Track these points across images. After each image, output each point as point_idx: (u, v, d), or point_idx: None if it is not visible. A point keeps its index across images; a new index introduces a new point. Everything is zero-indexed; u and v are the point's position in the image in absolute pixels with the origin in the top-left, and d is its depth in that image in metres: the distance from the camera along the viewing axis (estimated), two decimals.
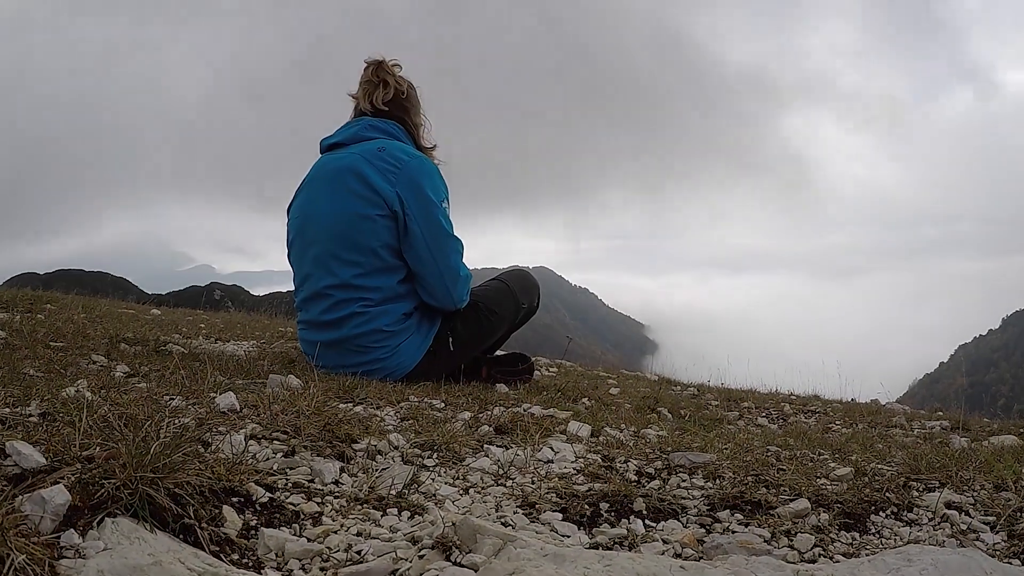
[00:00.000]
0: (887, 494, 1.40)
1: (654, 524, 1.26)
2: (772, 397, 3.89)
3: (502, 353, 3.15)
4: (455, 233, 2.62)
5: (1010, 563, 1.11)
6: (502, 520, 1.21)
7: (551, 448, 1.66)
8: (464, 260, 2.67)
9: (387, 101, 2.70)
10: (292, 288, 2.76)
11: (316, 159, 2.74)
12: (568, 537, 1.17)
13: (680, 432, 2.08)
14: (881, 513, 1.33)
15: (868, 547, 1.20)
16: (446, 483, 1.38)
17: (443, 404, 2.16)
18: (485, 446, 1.64)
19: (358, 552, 1.01)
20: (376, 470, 1.38)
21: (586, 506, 1.29)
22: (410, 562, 0.97)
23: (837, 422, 3.04)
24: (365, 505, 1.18)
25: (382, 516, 1.15)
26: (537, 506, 1.28)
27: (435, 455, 1.54)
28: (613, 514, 1.28)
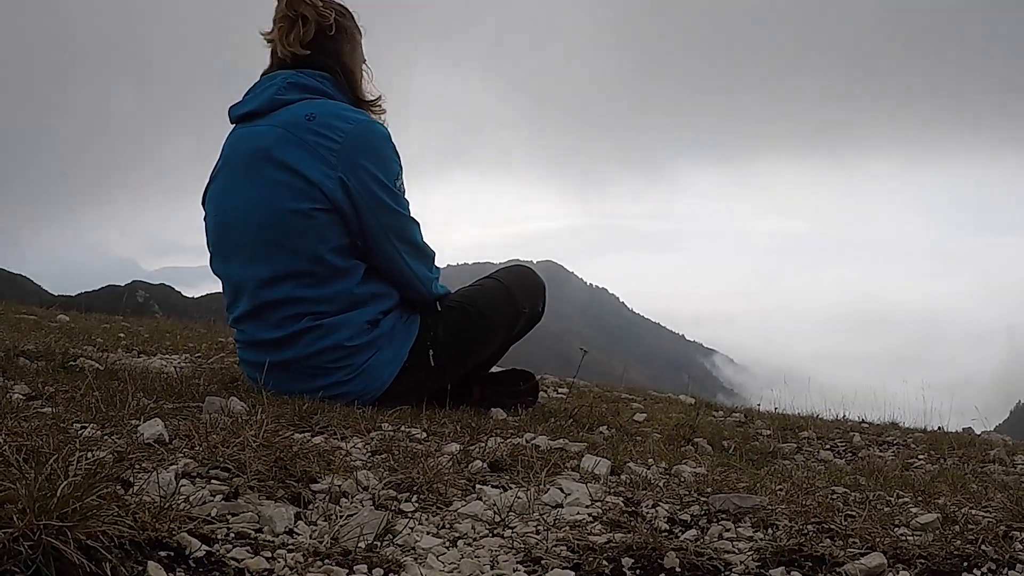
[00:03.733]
0: (983, 547, 1.41)
1: None
2: (838, 425, 3.90)
3: (499, 370, 3.15)
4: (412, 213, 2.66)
5: None
6: None
7: (560, 489, 1.67)
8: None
9: (306, 43, 2.56)
10: None
11: (228, 132, 2.65)
12: None
13: (723, 469, 2.08)
14: (976, 570, 1.34)
15: None
16: (428, 533, 1.39)
17: (425, 434, 2.16)
18: (478, 486, 1.65)
19: None
20: (341, 517, 1.38)
21: (604, 562, 1.29)
22: None
23: (920, 456, 3.05)
24: (327, 560, 1.19)
25: (348, 574, 1.16)
26: (543, 562, 1.29)
27: (415, 498, 1.54)
28: (639, 571, 1.29)
